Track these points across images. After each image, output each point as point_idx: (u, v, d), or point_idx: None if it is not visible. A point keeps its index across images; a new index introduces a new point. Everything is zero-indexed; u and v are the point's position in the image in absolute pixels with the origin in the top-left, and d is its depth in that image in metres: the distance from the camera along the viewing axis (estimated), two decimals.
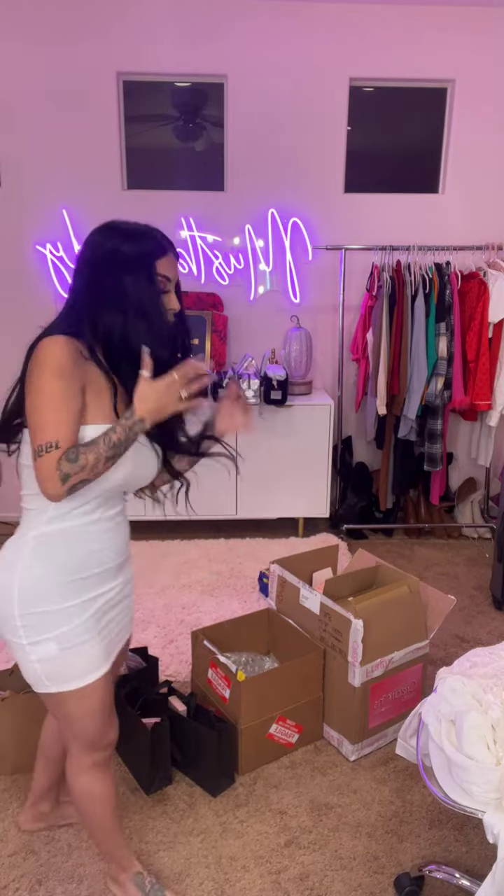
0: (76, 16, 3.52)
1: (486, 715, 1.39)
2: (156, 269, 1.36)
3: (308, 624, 2.33)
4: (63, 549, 1.42)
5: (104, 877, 1.80)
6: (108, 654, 1.53)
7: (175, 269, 1.41)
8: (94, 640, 1.47)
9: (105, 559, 1.49)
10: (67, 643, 1.42)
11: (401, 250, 3.58)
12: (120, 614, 1.60)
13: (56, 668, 1.43)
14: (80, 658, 1.45)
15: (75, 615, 1.44)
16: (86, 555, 1.45)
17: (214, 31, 3.58)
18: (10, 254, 3.78)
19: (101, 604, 1.50)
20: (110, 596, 1.53)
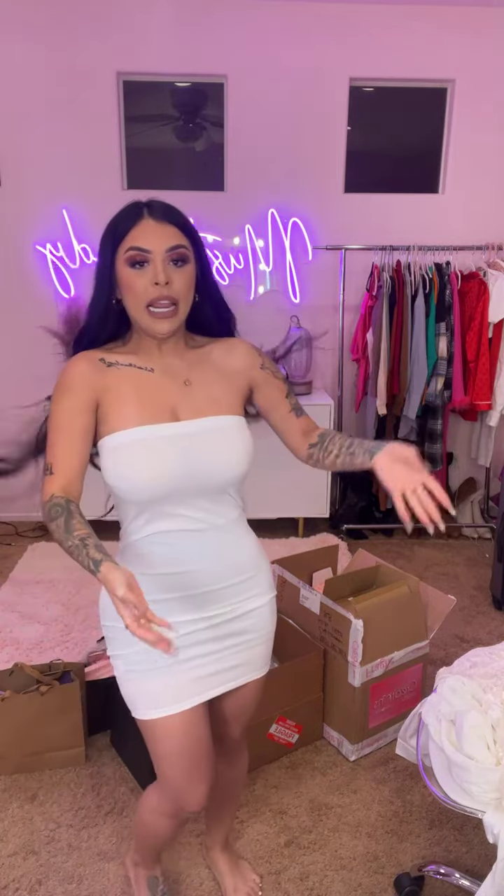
0: (76, 16, 3.52)
1: (486, 715, 1.39)
2: (121, 245, 1.23)
3: (308, 624, 2.33)
4: (135, 565, 1.29)
5: (123, 858, 1.82)
6: (189, 693, 1.33)
7: (157, 236, 1.22)
8: (161, 673, 1.30)
9: (183, 584, 1.30)
10: (133, 666, 1.31)
11: (401, 250, 3.58)
12: (229, 651, 1.36)
13: (126, 689, 1.34)
14: (144, 687, 1.31)
15: None
16: (152, 576, 1.28)
17: (214, 31, 3.58)
18: (10, 254, 3.78)
19: (184, 632, 1.30)
20: (204, 626, 1.32)
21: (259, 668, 1.45)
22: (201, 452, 1.26)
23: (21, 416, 1.47)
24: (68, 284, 3.80)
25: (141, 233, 1.22)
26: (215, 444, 1.27)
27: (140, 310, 1.23)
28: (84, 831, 1.96)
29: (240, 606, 1.36)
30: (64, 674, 2.23)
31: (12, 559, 3.64)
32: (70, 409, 1.23)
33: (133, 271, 1.22)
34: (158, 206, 1.25)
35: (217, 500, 1.31)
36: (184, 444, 1.25)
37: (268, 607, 1.42)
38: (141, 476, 1.22)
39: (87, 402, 1.24)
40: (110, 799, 2.07)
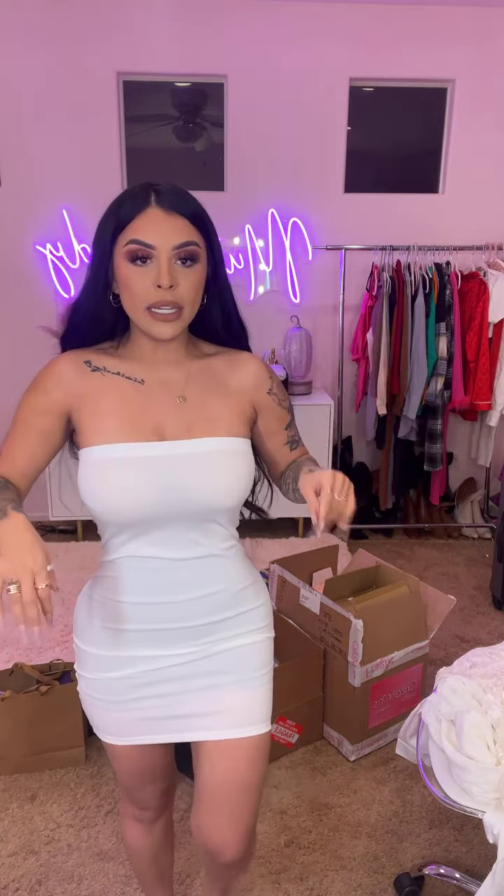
0: (76, 16, 3.52)
1: (486, 715, 1.39)
2: (121, 234, 1.07)
3: (308, 624, 2.33)
4: (101, 588, 1.20)
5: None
6: (140, 732, 1.22)
7: (163, 229, 1.05)
8: (117, 707, 1.21)
9: (153, 616, 1.16)
10: (91, 691, 1.23)
11: (401, 250, 3.58)
12: (186, 696, 1.20)
13: (85, 707, 1.27)
14: (99, 714, 1.24)
15: (104, 667, 1.20)
16: (121, 603, 1.17)
17: (214, 31, 3.58)
18: (10, 254, 3.78)
19: (144, 668, 1.18)
20: (163, 665, 1.18)
21: (245, 722, 1.20)
22: (185, 477, 1.11)
23: None
24: (68, 284, 3.80)
25: (145, 224, 1.06)
26: (204, 468, 1.12)
27: (139, 310, 1.09)
28: (84, 831, 1.96)
29: (217, 645, 1.20)
30: (64, 674, 2.24)
31: None
32: (35, 406, 1.14)
33: (133, 268, 1.07)
34: (168, 192, 1.07)
35: (203, 529, 1.16)
36: (165, 466, 1.10)
37: (255, 647, 1.23)
38: (113, 498, 1.09)
39: (55, 405, 1.14)
40: (110, 799, 2.07)
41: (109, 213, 1.10)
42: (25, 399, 1.16)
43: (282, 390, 1.27)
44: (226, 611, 1.20)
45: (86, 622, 1.23)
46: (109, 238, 1.08)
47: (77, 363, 1.15)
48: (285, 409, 1.27)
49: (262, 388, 1.23)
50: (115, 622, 1.18)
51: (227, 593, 1.20)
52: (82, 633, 1.24)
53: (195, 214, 1.09)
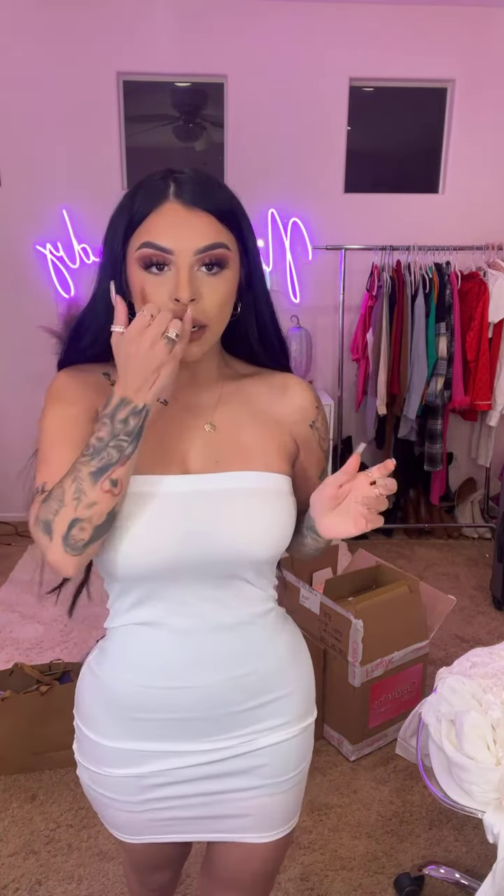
0: (76, 16, 3.52)
1: (486, 715, 1.39)
2: (134, 234, 0.87)
3: (308, 624, 2.33)
4: (109, 665, 0.99)
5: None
6: (150, 832, 1.05)
7: (183, 232, 0.85)
8: (123, 808, 1.02)
9: (168, 702, 0.94)
10: (96, 786, 1.03)
11: (401, 250, 3.58)
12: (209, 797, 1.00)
13: (91, 801, 1.08)
14: (109, 812, 1.05)
15: (111, 762, 0.99)
16: (132, 683, 0.95)
17: (214, 31, 3.58)
18: (10, 254, 3.78)
19: (152, 769, 0.97)
20: (183, 764, 0.97)
21: (275, 826, 1.04)
22: (213, 520, 0.89)
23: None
24: (68, 284, 3.80)
25: (162, 222, 0.85)
26: (235, 508, 0.90)
27: None
28: (84, 831, 1.96)
29: (252, 741, 0.99)
30: (64, 674, 2.23)
31: (12, 559, 3.63)
32: (65, 416, 0.91)
33: (147, 276, 0.86)
34: (191, 182, 0.87)
35: (230, 588, 0.94)
36: (189, 505, 0.89)
37: (295, 742, 1.05)
38: (124, 541, 0.87)
39: (86, 412, 0.91)
40: None
41: (122, 205, 0.89)
42: (51, 413, 0.93)
43: (325, 425, 1.04)
44: (261, 696, 0.98)
45: (89, 704, 1.01)
46: (121, 238, 0.88)
47: (93, 373, 0.95)
48: (324, 450, 1.04)
49: (308, 418, 1.01)
50: (127, 709, 0.96)
51: (262, 673, 0.98)
52: (85, 716, 1.02)
53: (224, 209, 0.88)
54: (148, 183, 0.88)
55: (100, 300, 0.93)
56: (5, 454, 4.07)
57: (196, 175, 0.88)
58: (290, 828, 1.07)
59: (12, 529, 4.02)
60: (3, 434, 4.02)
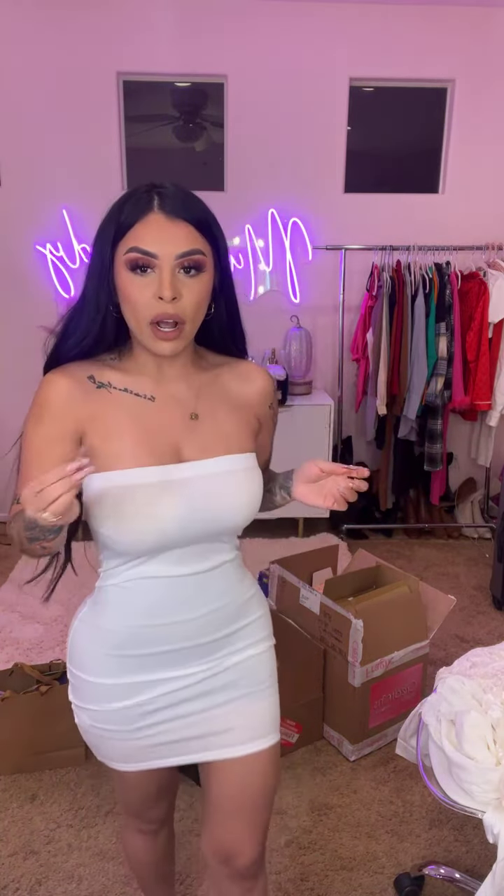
0: (76, 16, 3.52)
1: (486, 715, 1.39)
2: (122, 241, 1.00)
3: (308, 624, 2.33)
4: (108, 615, 1.14)
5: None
6: (151, 758, 1.19)
7: (166, 236, 0.99)
8: (126, 736, 1.16)
9: (164, 637, 1.11)
10: (97, 723, 1.17)
11: (401, 250, 3.58)
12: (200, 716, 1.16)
13: (90, 739, 1.22)
14: (108, 745, 1.19)
15: (111, 697, 1.14)
16: (129, 628, 1.12)
17: (214, 31, 3.58)
18: (10, 254, 3.78)
19: (149, 696, 1.13)
20: (173, 688, 1.14)
21: (258, 735, 1.18)
22: (206, 499, 1.07)
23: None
24: (68, 284, 3.80)
25: (147, 230, 0.99)
26: (223, 488, 1.08)
27: (140, 324, 1.02)
28: (84, 831, 1.96)
29: (227, 660, 1.17)
30: (64, 674, 2.23)
31: (12, 559, 3.63)
32: (46, 436, 1.04)
33: (133, 277, 1.00)
34: (172, 196, 1.00)
35: (211, 544, 1.13)
36: (189, 489, 1.06)
37: (261, 658, 1.21)
38: (135, 527, 1.03)
39: (67, 431, 1.04)
40: (110, 799, 2.07)
41: (110, 215, 1.02)
42: (33, 429, 1.05)
43: (277, 406, 1.25)
44: (233, 623, 1.17)
45: (87, 651, 1.16)
46: (110, 244, 1.01)
47: (79, 379, 1.06)
48: (275, 425, 1.26)
49: (267, 402, 1.20)
50: (125, 648, 1.12)
51: (234, 605, 1.17)
52: (83, 663, 1.17)
53: (201, 220, 1.02)
54: (134, 195, 1.01)
55: (89, 301, 1.05)
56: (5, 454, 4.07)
57: (176, 190, 1.02)
58: (274, 739, 1.20)
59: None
60: (3, 434, 4.02)
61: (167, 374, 1.10)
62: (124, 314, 1.04)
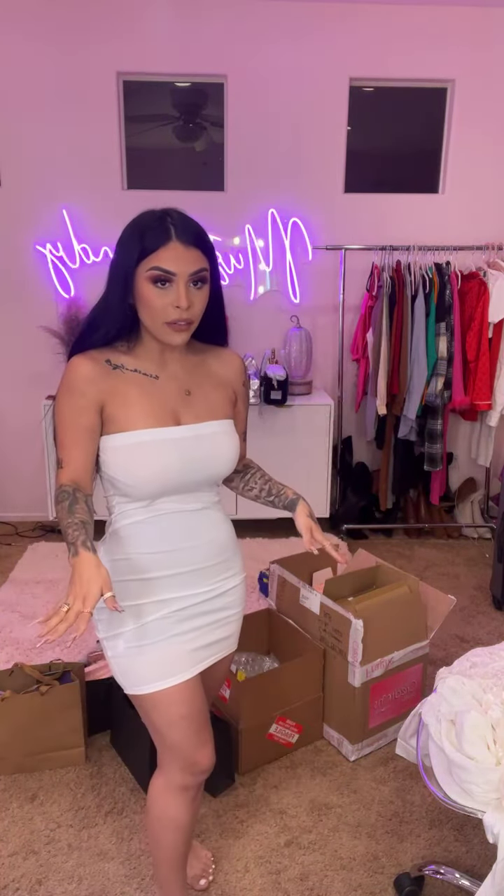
0: (76, 16, 3.52)
1: (486, 715, 1.39)
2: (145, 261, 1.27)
3: (308, 624, 2.33)
4: (123, 548, 1.39)
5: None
6: (188, 664, 1.42)
7: (183, 261, 1.27)
8: (163, 644, 1.39)
9: (174, 561, 1.40)
10: (134, 642, 1.38)
11: (401, 250, 3.58)
12: (213, 626, 1.47)
13: (126, 666, 1.40)
14: (147, 659, 1.39)
15: (143, 614, 1.38)
16: (146, 555, 1.39)
17: (214, 31, 3.58)
18: (10, 254, 3.78)
19: (177, 608, 1.40)
20: (193, 602, 1.43)
21: (233, 645, 1.58)
22: (200, 453, 1.37)
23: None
24: (68, 284, 3.80)
25: (168, 256, 1.26)
26: (212, 445, 1.39)
27: (157, 323, 1.30)
28: (84, 831, 1.96)
29: (221, 585, 1.48)
30: (64, 674, 2.23)
31: (12, 559, 3.64)
32: (76, 407, 1.30)
33: (154, 289, 1.27)
34: (185, 229, 1.28)
35: (201, 490, 1.43)
36: (185, 445, 1.36)
37: (242, 587, 1.55)
38: (145, 473, 1.32)
39: (92, 403, 1.31)
40: (110, 799, 2.07)
41: (132, 239, 1.28)
42: (64, 403, 1.31)
43: (249, 384, 1.62)
44: (223, 553, 1.47)
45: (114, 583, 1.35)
46: (134, 261, 1.27)
47: (99, 362, 1.33)
48: (247, 401, 1.58)
49: (241, 380, 1.51)
50: (143, 573, 1.38)
51: (223, 537, 1.48)
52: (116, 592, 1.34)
53: (206, 245, 1.31)
54: (154, 226, 1.27)
55: (113, 303, 1.32)
56: (5, 454, 4.07)
57: (185, 220, 1.30)
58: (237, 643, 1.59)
59: (12, 529, 4.02)
60: (3, 434, 4.02)
61: (167, 358, 1.39)
62: (141, 314, 1.31)
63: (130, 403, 1.33)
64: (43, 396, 3.66)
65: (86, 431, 1.30)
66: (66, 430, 1.31)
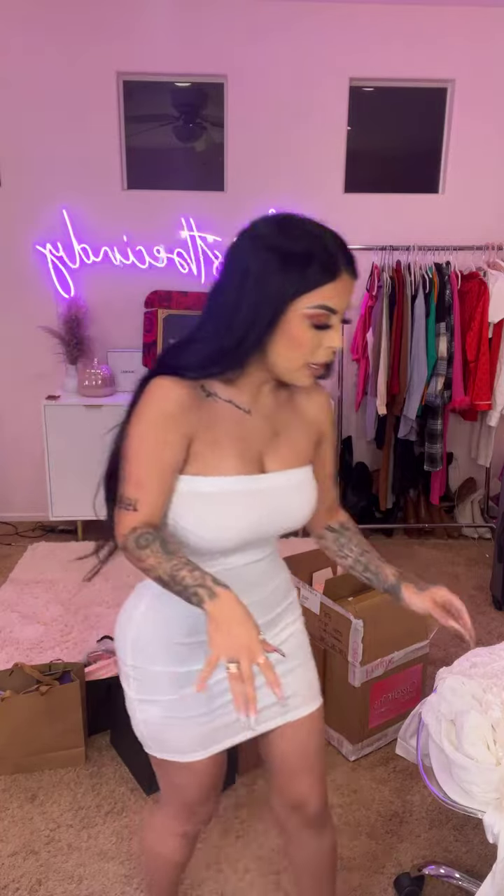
0: (76, 16, 3.52)
1: (486, 715, 1.39)
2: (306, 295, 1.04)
3: (308, 624, 2.31)
4: (172, 605, 1.16)
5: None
6: (227, 733, 1.26)
7: (347, 295, 1.08)
8: (205, 719, 1.23)
9: None
10: (172, 713, 1.21)
11: (401, 250, 3.58)
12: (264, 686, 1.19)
13: (156, 734, 1.24)
14: (184, 735, 1.23)
15: (186, 683, 1.20)
16: (194, 616, 1.15)
17: (214, 31, 3.58)
18: (10, 254, 3.78)
19: (220, 677, 1.19)
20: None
21: (311, 697, 1.33)
22: (279, 506, 1.19)
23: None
24: (68, 284, 3.80)
25: (336, 291, 1.05)
26: (292, 497, 1.21)
27: (298, 363, 1.10)
28: (84, 831, 1.96)
29: (280, 634, 1.31)
30: (64, 674, 2.23)
31: (12, 559, 3.63)
32: (162, 440, 1.08)
33: (311, 329, 1.07)
34: (349, 254, 1.08)
35: (272, 540, 1.27)
36: (268, 496, 1.17)
37: (303, 631, 1.38)
38: (224, 528, 1.13)
39: (181, 436, 1.10)
40: (110, 799, 2.07)
41: (290, 266, 1.04)
42: (148, 433, 1.09)
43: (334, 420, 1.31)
44: (283, 601, 1.31)
45: (155, 642, 1.21)
46: (290, 296, 1.04)
47: (192, 388, 1.11)
48: (333, 440, 1.36)
49: (327, 419, 1.31)
50: (193, 635, 1.19)
51: (283, 585, 1.31)
52: (153, 655, 1.21)
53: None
54: (324, 255, 1.04)
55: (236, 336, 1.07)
56: (5, 454, 4.07)
57: (344, 242, 1.08)
58: (321, 700, 1.35)
59: (12, 529, 4.02)
60: (3, 434, 4.02)
61: (262, 391, 1.19)
62: (276, 352, 1.09)
63: (220, 442, 1.13)
64: (43, 396, 3.66)
65: (168, 468, 1.09)
66: (145, 466, 1.09)
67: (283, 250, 1.04)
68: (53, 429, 3.62)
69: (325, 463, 1.33)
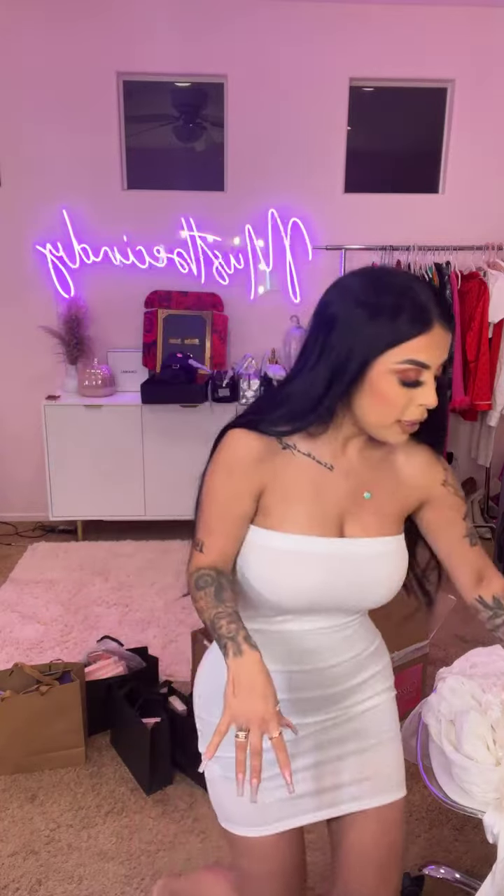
0: (76, 15, 3.52)
1: (485, 715, 1.39)
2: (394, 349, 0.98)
3: None
4: None
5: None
6: (289, 811, 1.15)
7: (441, 349, 1.00)
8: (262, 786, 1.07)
9: (297, 683, 1.14)
10: (231, 772, 1.05)
11: (401, 250, 3.58)
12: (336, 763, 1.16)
13: (219, 797, 1.18)
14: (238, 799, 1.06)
15: None
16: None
17: (214, 31, 3.58)
18: (10, 254, 3.78)
19: (288, 739, 1.10)
20: (311, 731, 1.15)
21: (391, 786, 1.20)
22: (358, 577, 1.11)
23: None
24: (68, 284, 3.80)
25: (428, 345, 0.98)
26: (375, 570, 1.12)
27: (387, 420, 1.03)
28: (84, 831, 1.96)
29: (352, 708, 1.20)
30: (64, 674, 2.23)
31: (12, 559, 3.63)
32: (233, 491, 1.07)
33: (400, 388, 1.00)
34: (443, 305, 1.01)
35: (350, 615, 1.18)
36: (343, 565, 1.09)
37: (388, 707, 1.27)
38: (283, 588, 1.08)
39: (253, 488, 1.08)
40: (110, 799, 2.07)
41: (378, 318, 0.98)
42: (221, 484, 1.08)
43: (455, 479, 1.20)
44: (361, 674, 1.21)
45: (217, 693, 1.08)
46: (378, 350, 0.99)
47: (269, 439, 1.08)
48: (461, 497, 1.20)
49: (437, 480, 1.18)
50: None
51: (363, 656, 1.21)
52: (215, 707, 1.10)
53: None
54: (413, 306, 0.98)
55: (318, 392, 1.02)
56: (5, 454, 4.07)
57: (436, 292, 1.02)
58: (404, 790, 1.22)
59: (12, 529, 4.02)
60: (3, 434, 4.02)
61: (348, 447, 1.11)
62: (363, 408, 1.03)
63: (293, 498, 1.08)
64: (43, 397, 3.66)
65: (239, 519, 1.08)
66: (215, 515, 1.08)
67: (372, 303, 0.99)
68: (53, 429, 3.62)
69: (449, 524, 1.18)
